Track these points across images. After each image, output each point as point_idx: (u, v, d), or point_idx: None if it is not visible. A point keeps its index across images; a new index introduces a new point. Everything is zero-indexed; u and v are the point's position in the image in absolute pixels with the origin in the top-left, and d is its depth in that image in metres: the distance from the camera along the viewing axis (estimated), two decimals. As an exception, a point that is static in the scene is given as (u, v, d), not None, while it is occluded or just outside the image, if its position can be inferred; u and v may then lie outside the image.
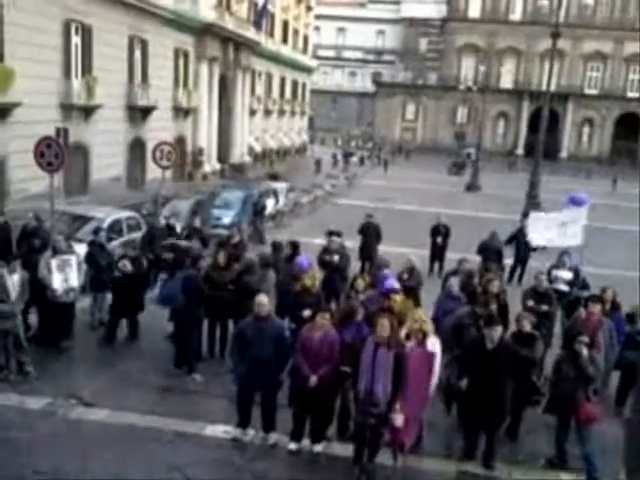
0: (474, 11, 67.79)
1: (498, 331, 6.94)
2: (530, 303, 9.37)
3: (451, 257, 14.41)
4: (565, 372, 7.15)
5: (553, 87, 34.66)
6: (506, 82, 67.25)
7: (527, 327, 7.70)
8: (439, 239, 16.03)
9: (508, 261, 15.28)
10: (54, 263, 9.20)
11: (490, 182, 37.63)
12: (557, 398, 7.29)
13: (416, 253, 12.78)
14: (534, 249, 15.74)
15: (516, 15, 66.84)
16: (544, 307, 9.36)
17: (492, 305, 8.26)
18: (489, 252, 13.96)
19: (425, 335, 7.06)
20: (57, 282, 9.17)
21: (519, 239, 15.67)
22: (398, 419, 6.47)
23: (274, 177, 31.69)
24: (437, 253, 16.01)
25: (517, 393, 7.32)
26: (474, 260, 12.93)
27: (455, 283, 9.32)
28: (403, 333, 7.20)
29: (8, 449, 6.84)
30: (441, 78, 69.14)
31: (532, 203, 23.27)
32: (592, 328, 7.94)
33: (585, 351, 7.06)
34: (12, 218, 12.19)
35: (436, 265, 15.89)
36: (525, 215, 20.33)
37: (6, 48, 17.33)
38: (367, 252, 15.17)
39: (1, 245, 10.42)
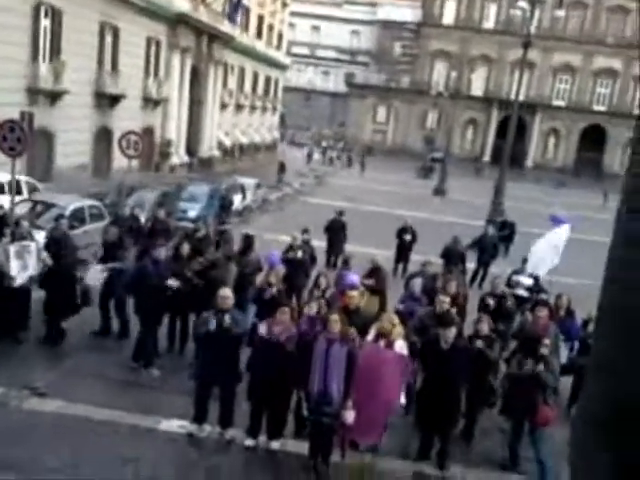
0: (448, 17, 68.42)
1: (453, 331, 7.05)
2: (490, 301, 9.55)
3: (415, 259, 14.54)
4: (522, 376, 7.28)
5: (522, 97, 35.25)
6: (477, 89, 68.01)
7: (485, 329, 7.83)
8: (406, 240, 16.13)
9: (471, 265, 15.49)
10: (12, 249, 8.96)
11: (457, 187, 38.10)
12: (513, 401, 7.41)
13: (382, 254, 12.86)
14: (494, 255, 16.06)
15: (489, 23, 67.67)
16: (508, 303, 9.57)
17: (444, 304, 8.31)
18: (451, 256, 14.13)
19: (393, 338, 7.09)
20: (15, 269, 8.95)
21: (482, 244, 15.92)
22: (349, 416, 6.50)
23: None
24: (402, 255, 16.13)
25: (473, 394, 7.44)
26: (437, 263, 13.08)
27: (417, 284, 9.42)
28: (372, 334, 7.23)
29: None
30: (413, 82, 69.63)
31: (496, 210, 23.62)
32: (539, 332, 8.10)
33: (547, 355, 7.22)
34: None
35: (400, 266, 16.01)
36: (489, 221, 20.69)
37: (-29, 27, 16.92)
38: (333, 248, 15.33)
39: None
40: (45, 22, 20.53)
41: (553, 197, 38.71)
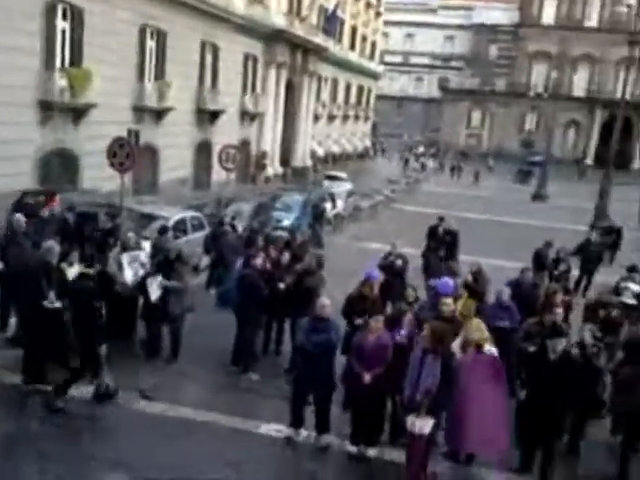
0: (548, 17, 66.09)
1: (562, 342, 6.79)
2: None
3: (513, 266, 14.03)
4: (638, 390, 6.90)
5: (628, 96, 33.39)
6: (578, 90, 65.17)
7: (588, 339, 7.51)
8: (437, 243, 15.22)
9: (575, 272, 14.80)
10: (125, 259, 9.48)
11: (558, 191, 36.58)
12: (628, 417, 7.05)
13: (486, 262, 12.32)
14: (598, 263, 15.26)
15: (592, 21, 64.72)
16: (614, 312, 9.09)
17: (557, 315, 8.11)
18: (542, 261, 13.56)
19: (482, 345, 6.98)
20: (129, 277, 9.46)
21: (585, 251, 15.22)
22: (421, 425, 6.34)
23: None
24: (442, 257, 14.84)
25: (580, 406, 7.13)
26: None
27: (506, 293, 9.19)
28: (458, 342, 7.11)
29: (73, 437, 7.16)
30: (510, 85, 67.68)
31: (600, 215, 22.49)
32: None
33: None
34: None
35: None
36: (592, 227, 19.75)
37: (85, 51, 18.09)
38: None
39: (75, 239, 10.82)
40: (151, 43, 21.68)
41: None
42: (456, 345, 7.06)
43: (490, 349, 7.04)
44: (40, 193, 13.64)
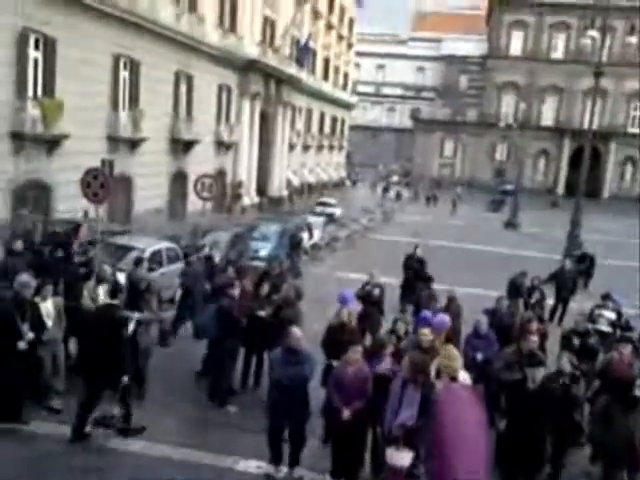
0: (515, 49, 67.90)
1: (541, 371, 6.79)
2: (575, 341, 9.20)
3: (487, 294, 14.13)
4: (619, 421, 6.92)
5: (595, 125, 34.24)
6: (547, 120, 66.76)
7: (567, 367, 7.54)
8: (414, 268, 15.35)
9: (549, 301, 14.93)
10: (101, 290, 9.31)
11: (530, 220, 37.14)
12: (610, 447, 7.06)
13: (461, 290, 12.41)
14: (572, 291, 15.44)
15: (558, 53, 66.68)
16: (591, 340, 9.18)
17: (533, 343, 8.13)
18: (517, 290, 13.65)
19: (455, 373, 6.97)
20: None
21: (560, 279, 15.39)
22: (396, 457, 6.24)
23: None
24: (410, 286, 15.06)
25: (559, 435, 7.12)
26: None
27: (483, 322, 9.23)
28: (433, 369, 7.08)
29: (45, 477, 6.90)
30: (481, 115, 69.05)
31: (573, 243, 22.86)
32: (625, 371, 7.74)
33: None
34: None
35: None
36: (567, 255, 20.02)
37: (58, 81, 17.97)
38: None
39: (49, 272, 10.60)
40: (124, 73, 21.67)
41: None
42: (431, 373, 7.05)
43: (465, 377, 7.03)
44: (67, 223, 14.13)
